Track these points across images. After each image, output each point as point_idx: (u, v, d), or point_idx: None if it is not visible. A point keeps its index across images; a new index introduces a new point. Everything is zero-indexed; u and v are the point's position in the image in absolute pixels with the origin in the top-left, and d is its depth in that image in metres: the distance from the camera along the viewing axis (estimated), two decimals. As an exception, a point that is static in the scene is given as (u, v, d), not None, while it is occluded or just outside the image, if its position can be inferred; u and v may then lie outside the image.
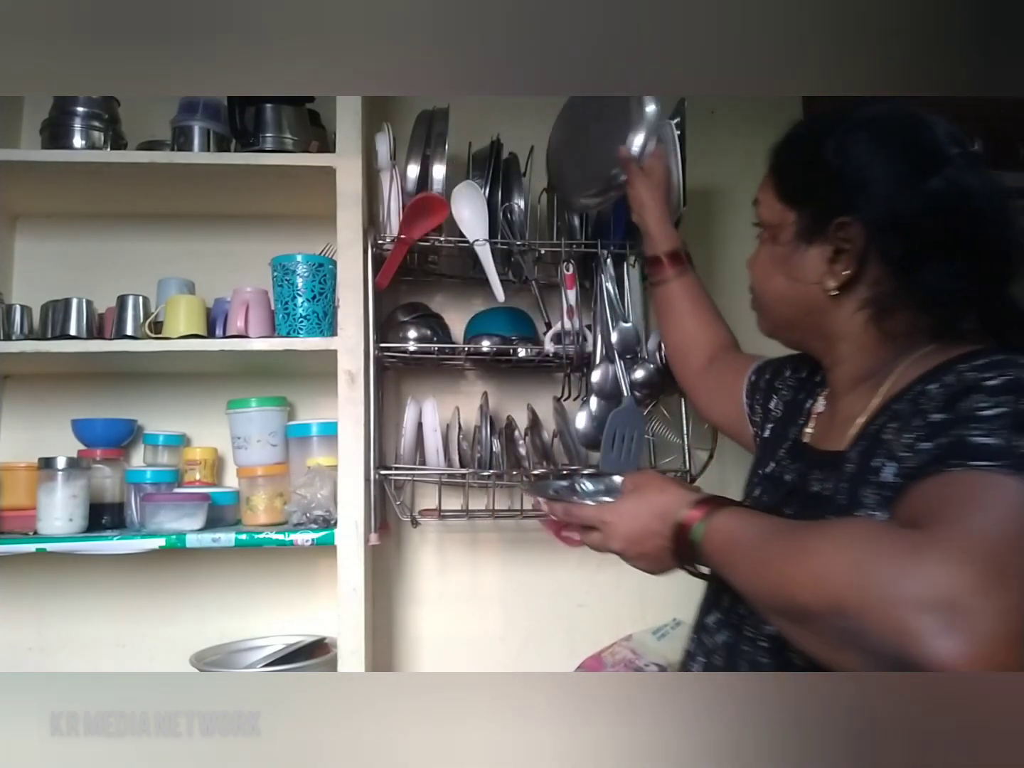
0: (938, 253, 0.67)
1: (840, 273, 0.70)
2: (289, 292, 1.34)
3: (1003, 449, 0.56)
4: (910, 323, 0.69)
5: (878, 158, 0.69)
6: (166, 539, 1.24)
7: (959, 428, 0.58)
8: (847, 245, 0.70)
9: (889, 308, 0.69)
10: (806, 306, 0.75)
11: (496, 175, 1.41)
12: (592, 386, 1.37)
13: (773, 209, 0.77)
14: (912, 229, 0.67)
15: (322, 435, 1.39)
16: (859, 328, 0.72)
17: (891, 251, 0.68)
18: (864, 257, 0.69)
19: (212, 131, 1.40)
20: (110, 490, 1.39)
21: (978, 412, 0.58)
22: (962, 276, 0.67)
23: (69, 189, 1.46)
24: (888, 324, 0.70)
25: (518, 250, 1.40)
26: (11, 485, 1.35)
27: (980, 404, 0.59)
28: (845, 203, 0.69)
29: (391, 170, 1.37)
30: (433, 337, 1.44)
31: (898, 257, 0.68)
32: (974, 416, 0.58)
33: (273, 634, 1.45)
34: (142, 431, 1.51)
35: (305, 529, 1.28)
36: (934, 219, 0.67)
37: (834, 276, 0.71)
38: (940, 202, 0.67)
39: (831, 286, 0.71)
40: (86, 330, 1.37)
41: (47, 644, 1.48)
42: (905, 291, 0.69)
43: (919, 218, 0.67)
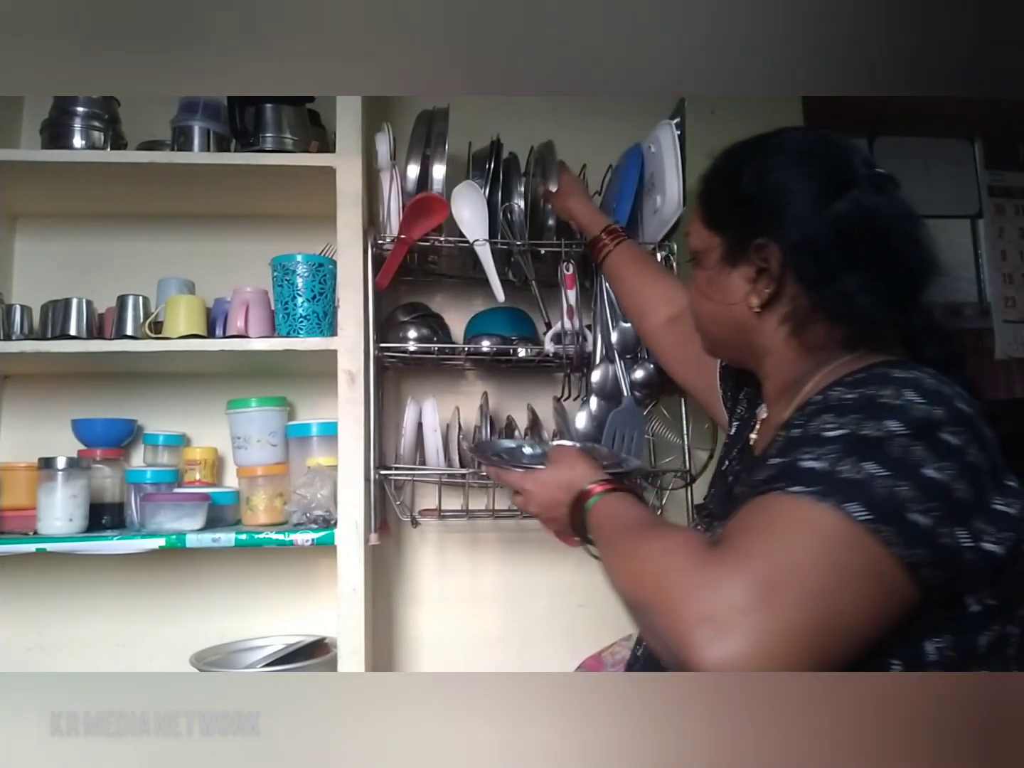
0: (848, 269, 0.71)
1: (762, 291, 0.75)
2: (289, 292, 1.34)
3: (822, 475, 0.58)
4: (826, 336, 0.73)
5: (790, 182, 0.74)
6: (166, 539, 1.24)
7: (798, 449, 0.61)
8: (766, 265, 0.74)
9: (806, 322, 0.74)
10: (735, 325, 0.79)
11: (496, 175, 1.40)
12: (592, 386, 1.37)
13: (701, 236, 0.82)
14: (822, 248, 0.71)
15: (322, 435, 1.39)
16: (781, 342, 0.76)
17: (804, 269, 0.72)
18: (782, 276, 0.73)
19: (212, 131, 1.40)
20: (110, 490, 1.39)
21: (822, 433, 0.61)
22: (871, 290, 0.71)
23: (69, 189, 1.46)
24: (806, 337, 0.74)
25: (518, 250, 1.40)
26: (11, 485, 1.35)
27: (826, 425, 0.61)
28: (762, 226, 0.74)
29: (391, 170, 1.37)
30: (433, 337, 1.44)
31: (811, 274, 0.72)
32: (816, 437, 0.61)
33: (273, 634, 1.45)
34: (142, 431, 1.51)
35: (305, 529, 1.28)
36: (842, 238, 0.71)
37: (757, 295, 0.75)
38: (847, 222, 0.71)
39: (754, 304, 0.75)
40: (86, 330, 1.37)
41: (47, 644, 1.48)
42: (819, 306, 0.73)
43: (828, 237, 0.71)
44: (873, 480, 0.56)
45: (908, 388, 0.62)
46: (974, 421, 0.62)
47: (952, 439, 0.60)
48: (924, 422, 0.59)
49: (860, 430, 0.59)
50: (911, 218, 0.74)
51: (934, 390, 0.63)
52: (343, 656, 1.23)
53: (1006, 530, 0.60)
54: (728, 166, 0.80)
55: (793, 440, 0.63)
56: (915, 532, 0.56)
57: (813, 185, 0.73)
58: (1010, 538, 0.60)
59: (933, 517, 0.56)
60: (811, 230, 0.71)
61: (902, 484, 0.56)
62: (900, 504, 0.56)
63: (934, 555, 0.56)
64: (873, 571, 0.55)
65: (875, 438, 0.58)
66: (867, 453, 0.58)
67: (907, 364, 0.67)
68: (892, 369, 0.66)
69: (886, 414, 0.60)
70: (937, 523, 0.56)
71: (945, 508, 0.57)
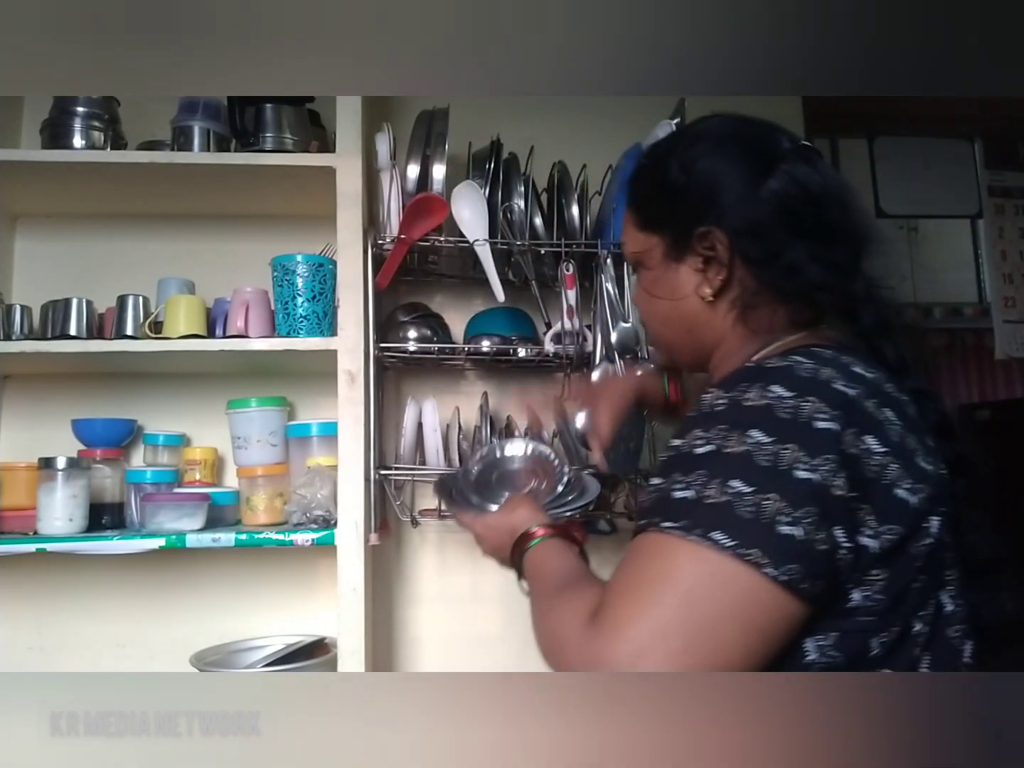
0: (790, 243, 0.71)
1: (714, 279, 0.73)
2: (289, 292, 1.34)
3: (689, 505, 0.57)
4: (770, 317, 0.73)
5: (720, 166, 0.73)
6: (166, 539, 1.24)
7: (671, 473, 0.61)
8: (712, 252, 0.73)
9: (752, 305, 0.73)
10: (687, 322, 0.78)
11: (496, 175, 1.40)
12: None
13: (637, 240, 0.81)
14: (764, 226, 0.71)
15: (322, 435, 1.39)
16: (729, 330, 0.75)
17: (750, 250, 0.72)
18: (731, 260, 0.73)
19: (212, 131, 1.40)
20: (110, 490, 1.39)
21: (693, 451, 0.60)
22: (814, 261, 0.70)
23: (69, 189, 1.46)
24: (752, 321, 0.73)
25: (518, 250, 1.40)
26: (11, 485, 1.35)
27: (696, 442, 0.61)
28: (699, 214, 0.73)
29: (391, 170, 1.37)
30: (433, 337, 1.44)
31: (756, 254, 0.72)
32: (687, 458, 0.60)
33: (273, 634, 1.45)
34: (142, 431, 1.51)
35: (305, 529, 1.28)
36: (781, 213, 0.71)
37: (708, 284, 0.74)
38: (783, 197, 0.71)
39: (707, 293, 0.74)
40: (86, 330, 1.37)
41: (47, 644, 1.48)
42: (766, 285, 0.72)
43: (768, 214, 0.71)
44: (739, 500, 0.56)
45: (776, 383, 0.60)
46: (857, 402, 0.60)
47: (830, 426, 0.58)
48: (791, 421, 0.58)
49: (725, 446, 0.58)
50: (843, 187, 0.74)
51: (807, 377, 0.61)
52: (343, 656, 1.23)
53: (895, 522, 0.58)
54: (653, 164, 0.80)
55: (669, 461, 0.63)
56: (786, 547, 0.54)
57: (743, 165, 0.72)
58: (895, 532, 0.58)
59: (806, 525, 0.55)
60: (751, 210, 0.71)
61: (769, 497, 0.55)
62: (769, 520, 0.55)
63: (811, 567, 0.55)
64: (749, 598, 0.54)
65: (740, 453, 0.58)
66: (733, 471, 0.57)
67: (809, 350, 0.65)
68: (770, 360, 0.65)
69: (750, 422, 0.59)
70: (811, 530, 0.55)
71: (820, 510, 0.56)
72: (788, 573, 0.54)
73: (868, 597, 0.58)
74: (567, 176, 1.47)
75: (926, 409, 0.67)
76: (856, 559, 0.57)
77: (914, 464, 0.61)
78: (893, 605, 0.59)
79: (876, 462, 0.59)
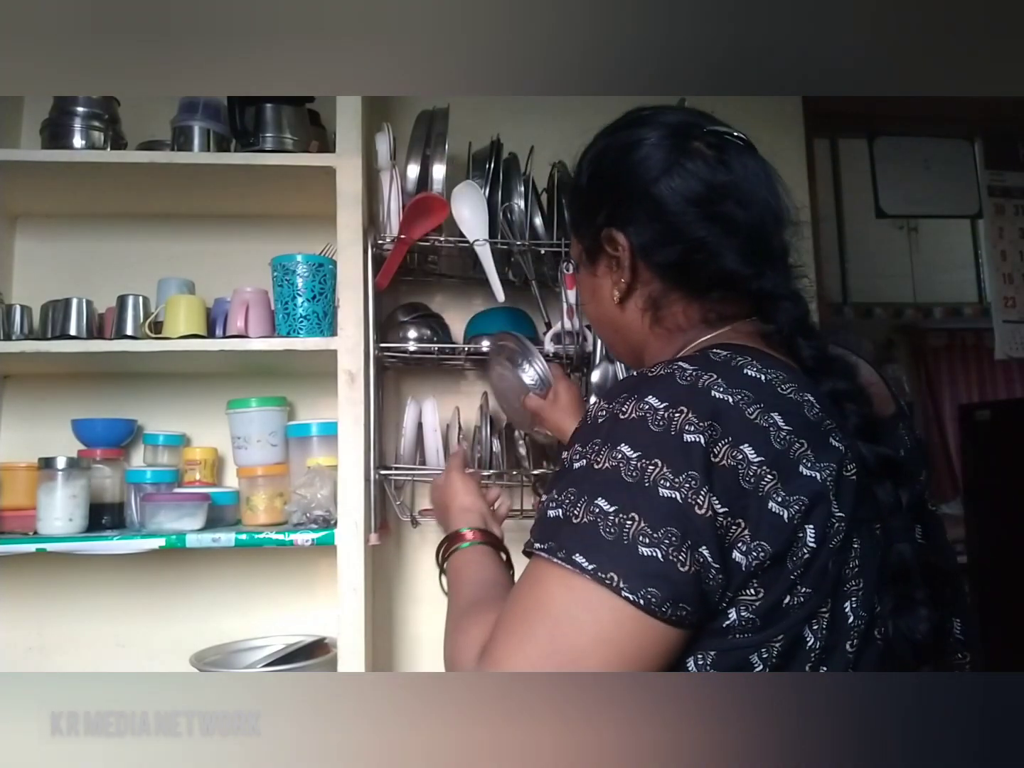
0: (687, 244, 0.69)
1: (619, 282, 0.73)
2: (289, 292, 1.34)
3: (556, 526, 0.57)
4: (684, 316, 0.71)
5: (617, 167, 0.72)
6: (166, 539, 1.24)
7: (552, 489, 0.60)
8: (616, 254, 0.72)
9: (663, 304, 0.72)
10: (612, 323, 0.77)
11: (496, 175, 1.40)
12: (592, 386, 1.37)
13: (573, 246, 0.81)
14: (659, 225, 0.70)
15: (322, 435, 1.39)
16: (648, 332, 0.74)
17: (649, 250, 0.70)
18: (633, 262, 0.72)
19: (212, 131, 1.40)
20: (110, 490, 1.39)
21: (570, 466, 0.60)
22: (712, 261, 0.69)
23: (69, 189, 1.46)
24: (667, 321, 0.72)
25: (518, 250, 1.40)
26: (11, 485, 1.35)
27: (574, 456, 0.60)
28: (601, 217, 0.73)
29: (391, 170, 1.37)
30: (433, 337, 1.44)
31: (657, 255, 0.70)
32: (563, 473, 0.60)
33: (273, 634, 1.45)
34: (142, 431, 1.51)
35: (305, 529, 1.28)
36: (677, 211, 0.69)
37: (616, 286, 0.74)
38: (678, 194, 0.69)
39: (615, 295, 0.74)
40: (86, 330, 1.37)
41: (47, 644, 1.48)
42: (672, 285, 0.71)
43: (663, 213, 0.69)
44: (602, 520, 0.55)
45: (652, 393, 0.58)
46: (735, 410, 0.57)
47: (696, 438, 0.55)
48: (661, 435, 0.56)
49: (596, 461, 0.57)
50: (753, 177, 0.71)
51: (685, 386, 0.58)
52: (343, 656, 1.23)
53: (766, 538, 0.55)
54: (575, 168, 0.79)
55: (554, 475, 0.63)
56: (645, 569, 0.53)
57: (641, 162, 0.70)
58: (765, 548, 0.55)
59: (665, 547, 0.53)
60: (647, 209, 0.70)
61: (630, 517, 0.54)
62: (630, 541, 0.53)
63: (672, 590, 0.53)
64: (612, 624, 0.53)
65: (608, 469, 0.56)
66: (599, 488, 0.56)
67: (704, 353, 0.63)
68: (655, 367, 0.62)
69: (621, 436, 0.57)
70: (672, 552, 0.53)
71: (682, 530, 0.53)
72: (647, 596, 0.52)
73: (743, 614, 0.56)
74: (567, 176, 1.47)
75: (847, 412, 0.62)
76: (727, 579, 0.55)
77: (794, 472, 0.56)
78: (770, 620, 0.56)
79: (752, 472, 0.55)
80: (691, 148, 0.70)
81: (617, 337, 0.78)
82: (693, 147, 0.70)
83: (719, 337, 0.69)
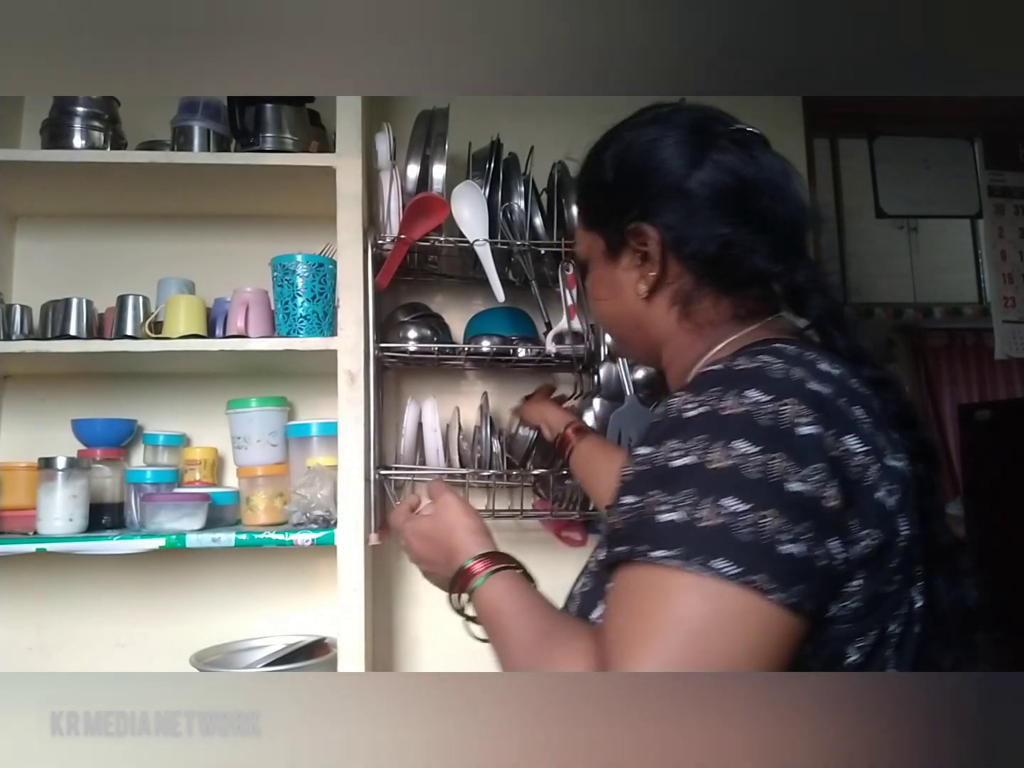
0: (722, 235, 0.69)
1: (648, 276, 0.72)
2: (289, 292, 1.34)
3: (681, 530, 0.52)
4: (714, 311, 0.71)
5: (647, 159, 0.72)
6: (166, 539, 1.24)
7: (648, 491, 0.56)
8: (645, 248, 0.72)
9: (693, 299, 0.71)
10: (633, 319, 0.76)
11: (496, 175, 1.40)
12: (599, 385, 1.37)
13: (583, 241, 0.80)
14: (692, 218, 0.69)
15: (322, 435, 1.39)
16: (674, 327, 0.73)
17: (680, 243, 0.70)
18: (663, 255, 0.71)
19: (212, 131, 1.40)
20: (110, 490, 1.39)
21: (669, 464, 0.55)
22: (747, 255, 0.68)
23: (69, 189, 1.46)
24: (696, 316, 0.71)
25: (518, 250, 1.40)
26: (11, 485, 1.35)
27: (672, 454, 0.56)
28: (631, 210, 0.72)
29: (391, 170, 1.37)
30: (433, 337, 1.44)
31: (688, 247, 0.70)
32: (665, 473, 0.55)
33: (273, 634, 1.45)
34: (142, 431, 1.51)
35: (305, 529, 1.28)
36: (710, 204, 0.69)
37: (644, 280, 0.73)
38: (712, 187, 0.69)
39: (643, 290, 0.73)
40: (86, 330, 1.37)
41: (47, 644, 1.48)
42: (703, 278, 0.70)
43: (696, 206, 0.69)
44: (736, 521, 0.51)
45: (751, 387, 0.56)
46: (832, 402, 0.57)
47: (812, 430, 0.54)
48: (773, 428, 0.54)
49: (709, 459, 0.54)
50: (780, 172, 0.71)
51: (780, 379, 0.57)
52: (343, 656, 1.23)
53: (876, 526, 0.56)
54: (589, 161, 0.79)
55: (641, 475, 0.58)
56: (789, 568, 0.51)
57: (671, 156, 0.70)
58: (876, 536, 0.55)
59: (806, 541, 0.52)
60: (679, 202, 0.69)
61: (767, 514, 0.51)
62: (769, 540, 0.51)
63: (812, 585, 0.52)
64: (761, 628, 0.51)
65: (727, 467, 0.53)
66: (723, 488, 0.52)
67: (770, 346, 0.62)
68: (738, 361, 0.61)
69: (732, 431, 0.54)
70: (811, 547, 0.52)
71: (816, 523, 0.52)
72: (795, 596, 0.51)
73: (846, 606, 0.56)
74: (567, 176, 1.47)
75: (887, 400, 0.63)
76: (846, 569, 0.54)
77: (886, 463, 0.58)
78: (870, 610, 0.56)
79: (857, 463, 0.56)
80: (718, 143, 0.70)
81: (637, 333, 0.77)
82: (720, 142, 0.71)
83: (753, 334, 0.68)
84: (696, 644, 0.50)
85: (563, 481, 1.42)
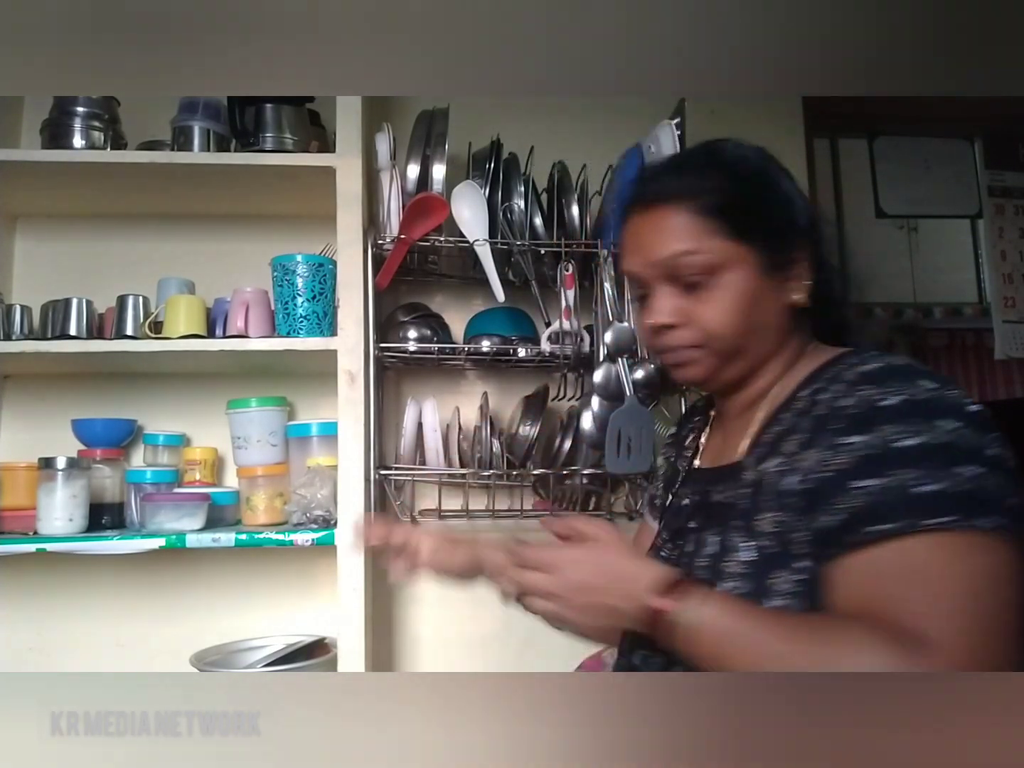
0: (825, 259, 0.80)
1: (803, 284, 0.78)
2: (289, 292, 1.34)
3: (950, 498, 0.58)
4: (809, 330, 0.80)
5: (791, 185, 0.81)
6: (166, 539, 1.24)
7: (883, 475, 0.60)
8: (807, 262, 0.78)
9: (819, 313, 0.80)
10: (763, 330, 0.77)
11: (496, 175, 1.41)
12: (594, 387, 1.37)
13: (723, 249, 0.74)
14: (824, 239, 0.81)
15: (322, 435, 1.39)
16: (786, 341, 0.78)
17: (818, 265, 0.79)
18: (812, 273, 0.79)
19: (212, 131, 1.40)
20: (110, 490, 1.39)
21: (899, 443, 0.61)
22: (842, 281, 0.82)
23: (69, 189, 1.46)
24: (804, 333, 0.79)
25: (518, 250, 1.40)
26: (11, 485, 1.35)
27: (893, 436, 0.61)
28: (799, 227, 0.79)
29: (391, 170, 1.37)
30: (433, 337, 1.44)
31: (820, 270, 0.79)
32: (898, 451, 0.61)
33: (273, 634, 1.45)
34: (142, 431, 1.51)
35: (305, 529, 1.28)
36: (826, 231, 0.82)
37: (800, 289, 0.78)
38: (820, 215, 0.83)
39: (801, 298, 0.77)
40: (86, 330, 1.37)
41: (47, 644, 1.48)
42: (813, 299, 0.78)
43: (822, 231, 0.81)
44: (978, 483, 0.59)
45: (919, 378, 0.64)
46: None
47: (978, 407, 0.63)
48: (959, 408, 0.62)
49: (936, 435, 0.60)
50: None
51: (931, 371, 0.65)
52: (343, 656, 1.23)
53: None
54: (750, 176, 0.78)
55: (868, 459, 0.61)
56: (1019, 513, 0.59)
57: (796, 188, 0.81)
58: None
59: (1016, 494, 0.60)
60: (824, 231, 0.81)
61: (997, 475, 0.60)
62: (1006, 497, 0.59)
63: None
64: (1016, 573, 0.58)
65: (954, 441, 0.60)
66: (961, 456, 0.60)
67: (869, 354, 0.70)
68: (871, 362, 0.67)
69: (940, 411, 0.62)
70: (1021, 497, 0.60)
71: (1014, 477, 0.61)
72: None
73: None
74: (567, 176, 1.47)
75: None
76: None
77: None
78: None
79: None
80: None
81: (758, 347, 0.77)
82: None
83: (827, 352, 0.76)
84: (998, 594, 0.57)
85: (563, 481, 1.42)
